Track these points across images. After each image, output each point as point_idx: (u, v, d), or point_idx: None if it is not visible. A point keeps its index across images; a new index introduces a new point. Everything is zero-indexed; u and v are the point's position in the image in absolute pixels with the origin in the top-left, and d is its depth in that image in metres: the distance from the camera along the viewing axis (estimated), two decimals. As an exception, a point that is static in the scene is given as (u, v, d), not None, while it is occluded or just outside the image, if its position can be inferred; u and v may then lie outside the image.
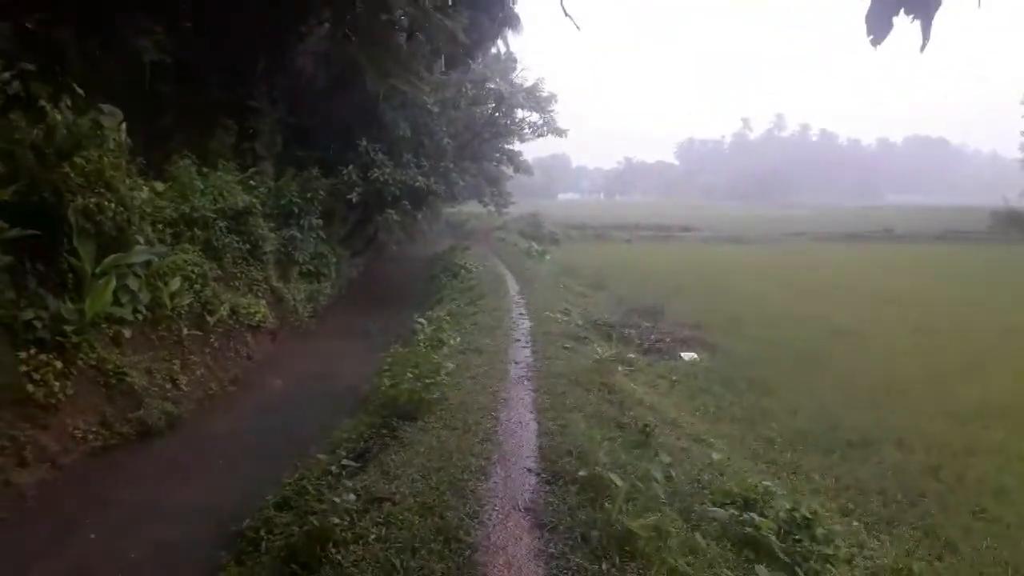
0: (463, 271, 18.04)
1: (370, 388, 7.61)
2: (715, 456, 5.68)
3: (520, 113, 29.34)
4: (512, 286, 15.43)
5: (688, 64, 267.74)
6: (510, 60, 32.62)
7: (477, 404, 6.15)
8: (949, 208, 77.85)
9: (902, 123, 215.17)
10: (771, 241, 36.20)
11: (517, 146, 35.89)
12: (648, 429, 5.56)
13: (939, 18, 2.85)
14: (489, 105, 26.41)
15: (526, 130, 29.97)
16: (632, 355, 9.49)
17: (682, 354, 10.34)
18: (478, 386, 6.72)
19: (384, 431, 5.82)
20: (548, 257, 23.73)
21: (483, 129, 27.11)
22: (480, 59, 23.97)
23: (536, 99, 28.24)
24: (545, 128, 29.53)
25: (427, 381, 6.25)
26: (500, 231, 34.23)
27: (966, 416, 7.53)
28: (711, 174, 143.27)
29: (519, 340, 9.28)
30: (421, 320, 8.90)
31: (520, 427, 5.64)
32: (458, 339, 8.89)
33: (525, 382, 7.06)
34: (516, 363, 7.85)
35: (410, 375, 6.40)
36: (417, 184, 18.48)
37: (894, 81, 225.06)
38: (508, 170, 38.07)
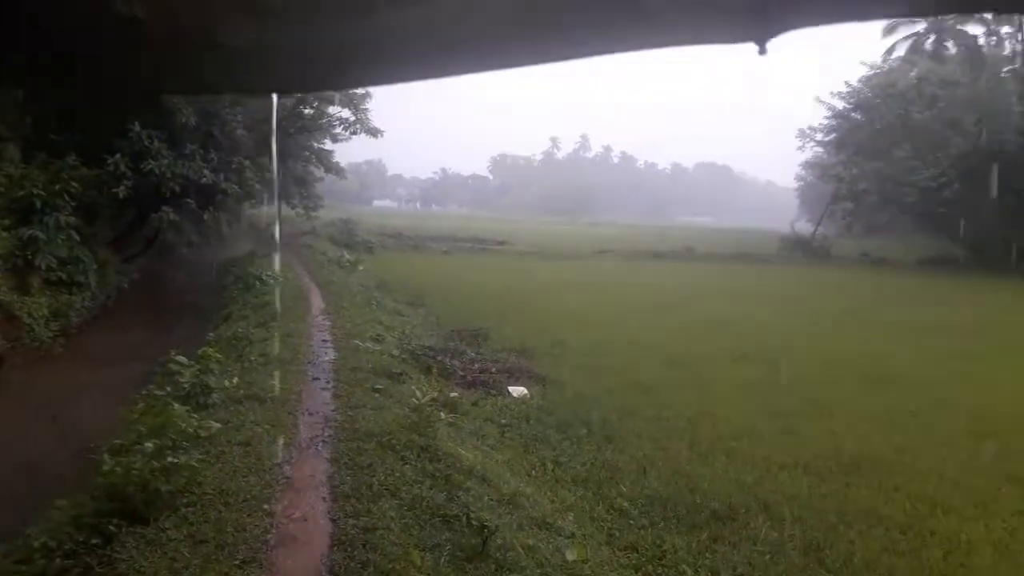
0: (258, 283, 15.70)
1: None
2: (569, 556, 4.25)
3: (332, 109, 27.08)
4: (317, 303, 13.44)
5: (504, 79, 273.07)
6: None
7: (244, 492, 4.35)
8: (735, 230, 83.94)
9: (693, 150, 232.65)
10: (583, 257, 36.49)
11: (329, 146, 33.53)
12: (486, 531, 4.03)
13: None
14: (294, 95, 23.93)
15: (337, 128, 27.69)
16: (455, 393, 7.96)
17: (510, 389, 8.97)
18: (250, 459, 4.90)
19: (95, 541, 3.84)
20: (361, 268, 21.73)
21: (286, 122, 24.52)
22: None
23: (349, 95, 26.14)
24: (358, 126, 27.39)
25: (169, 459, 4.32)
26: (309, 237, 31.58)
27: (824, 469, 6.72)
28: (523, 189, 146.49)
29: (318, 379, 7.48)
30: (179, 359, 6.76)
31: (305, 533, 3.91)
32: (235, 380, 6.91)
33: (320, 447, 5.32)
34: (311, 415, 6.07)
35: (150, 446, 4.44)
36: (204, 180, 15.84)
37: (685, 110, 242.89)
38: (318, 171, 35.55)
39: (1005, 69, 49.84)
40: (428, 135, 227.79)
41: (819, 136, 55.28)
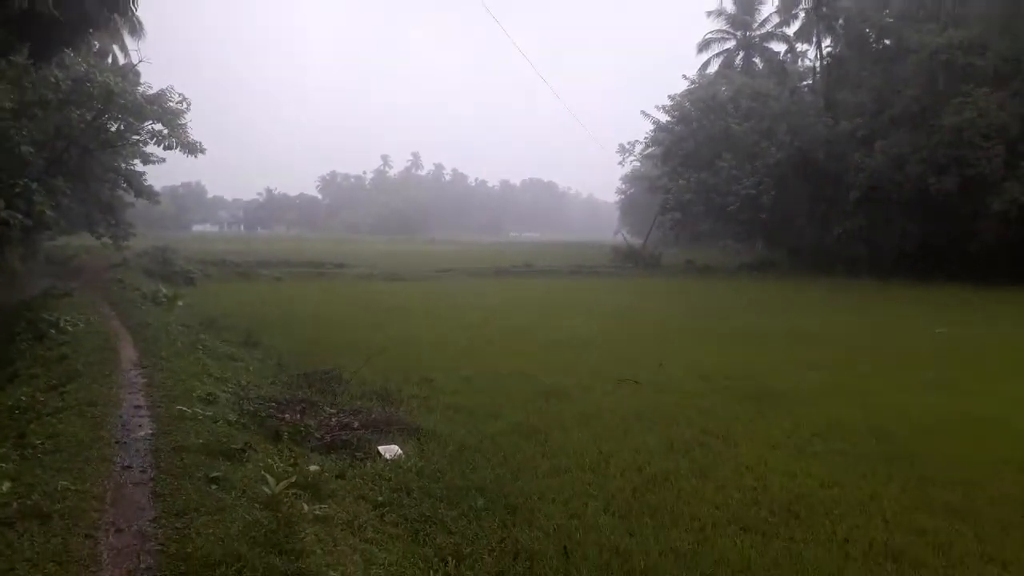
0: (53, 330, 13.12)
1: None
2: None
3: (141, 125, 24.08)
4: (128, 353, 11.21)
5: (331, 98, 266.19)
6: (132, 73, 27.23)
7: None
8: (566, 243, 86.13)
9: (521, 166, 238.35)
10: (427, 278, 35.21)
11: (140, 167, 30.19)
12: None
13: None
14: (94, 106, 20.84)
15: (149, 143, 24.63)
16: (315, 466, 6.38)
17: (381, 449, 7.49)
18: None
19: None
20: (181, 303, 19.17)
21: (84, 137, 21.28)
22: (83, 51, 18.72)
23: (162, 109, 23.28)
24: (173, 140, 24.46)
25: None
26: (119, 270, 28.01)
27: (766, 526, 5.82)
28: (354, 209, 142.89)
29: (130, 469, 5.67)
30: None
31: None
32: (4, 485, 5.00)
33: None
34: (119, 534, 4.35)
35: None
36: (-24, 209, 13.05)
37: (515, 128, 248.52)
38: (128, 195, 31.98)
39: (804, 83, 54.16)
40: (250, 156, 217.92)
41: (645, 149, 57.48)
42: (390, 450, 7.48)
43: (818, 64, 52.69)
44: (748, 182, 42.63)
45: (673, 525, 5.69)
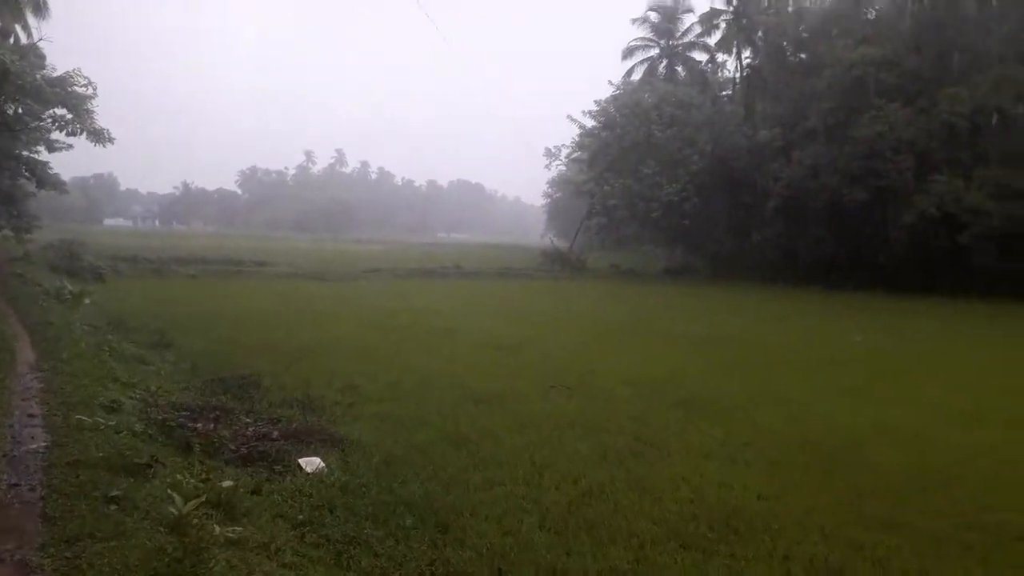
0: (-60, 330, 12.05)
1: None
2: None
3: (44, 110, 22.65)
4: (25, 355, 10.36)
5: (254, 91, 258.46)
6: (35, 55, 25.62)
7: None
8: (493, 246, 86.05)
9: (448, 167, 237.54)
10: (352, 278, 34.42)
11: (45, 155, 28.48)
12: None
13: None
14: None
15: (52, 129, 23.17)
16: (229, 482, 5.90)
17: (301, 461, 7.05)
18: None
19: None
20: (88, 301, 18.03)
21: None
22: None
23: (67, 93, 21.91)
24: (78, 126, 23.05)
25: None
26: (20, 264, 26.25)
27: (705, 542, 5.67)
28: (276, 205, 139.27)
29: (17, 487, 5.10)
30: None
31: None
32: None
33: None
34: (-2, 568, 3.85)
35: None
36: None
37: (442, 126, 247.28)
38: (31, 185, 30.18)
39: (725, 93, 55.56)
40: (166, 148, 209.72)
41: (572, 154, 57.82)
42: (311, 463, 7.05)
43: (738, 75, 54.15)
44: (671, 189, 43.36)
45: (611, 542, 5.48)
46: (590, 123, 51.42)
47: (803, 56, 45.51)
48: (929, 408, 10.59)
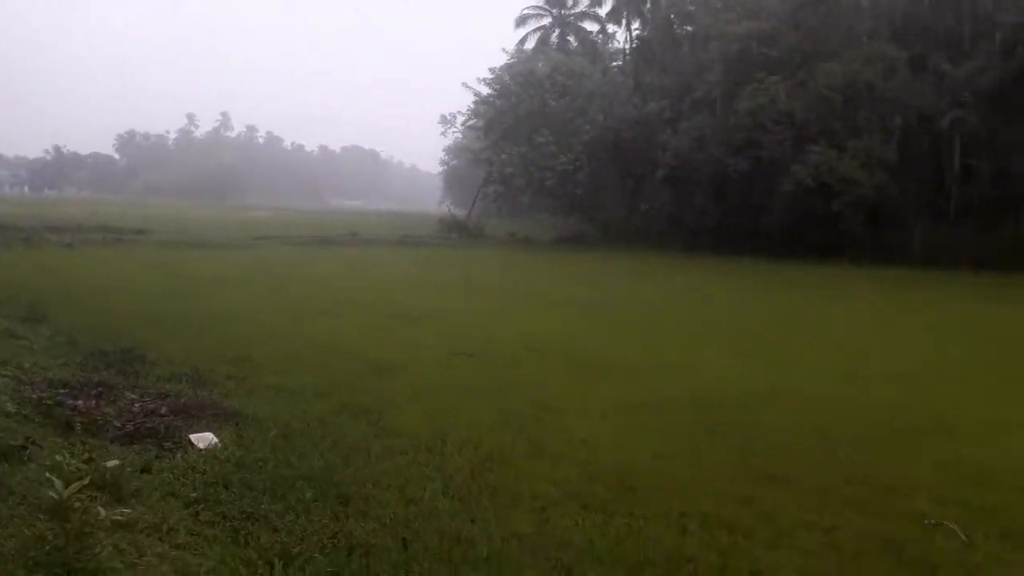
0: None
1: None
2: None
3: None
4: None
5: (132, 51, 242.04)
6: None
7: None
8: (391, 213, 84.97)
9: (341, 132, 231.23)
10: (241, 246, 33.20)
11: None
12: None
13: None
14: None
15: None
16: (115, 461, 5.59)
17: (192, 437, 6.76)
18: None
19: None
20: (-57, 273, 16.60)
21: None
22: None
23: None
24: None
25: None
26: None
27: (604, 502, 5.83)
28: (156, 171, 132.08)
29: None
30: None
31: None
32: None
33: None
34: None
35: None
36: None
37: (334, 90, 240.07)
38: None
39: (615, 64, 56.41)
40: (33, 109, 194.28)
41: (467, 121, 57.47)
42: (204, 438, 6.77)
43: (628, 46, 55.05)
44: (565, 158, 43.87)
45: (514, 506, 5.53)
46: (485, 91, 51.23)
47: (690, 29, 46.73)
48: (809, 366, 11.27)
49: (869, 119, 36.47)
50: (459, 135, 74.67)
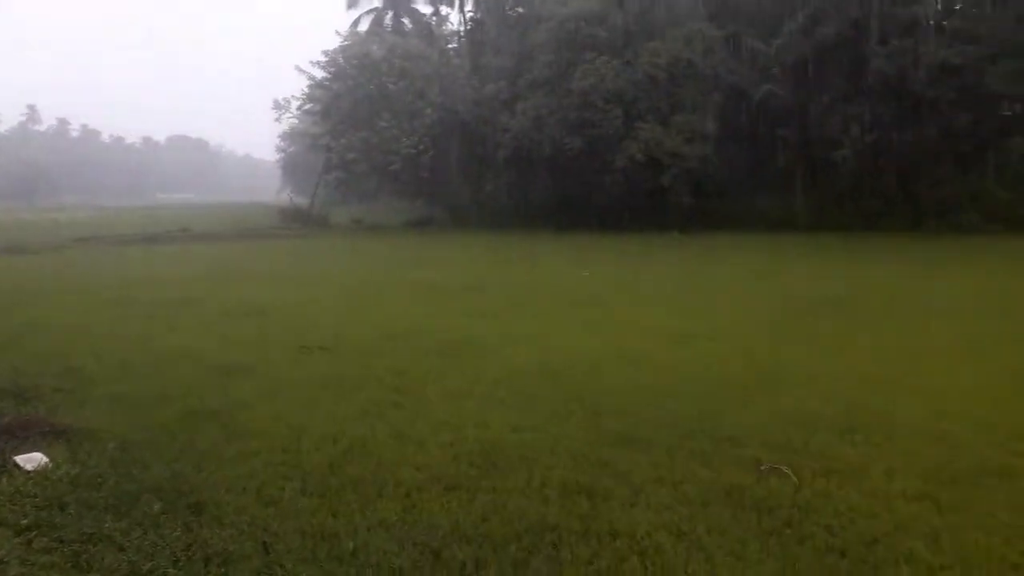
0: None
1: None
2: None
3: None
4: None
5: None
6: None
7: None
8: (225, 206, 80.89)
9: (165, 122, 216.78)
10: (61, 248, 30.50)
11: None
12: None
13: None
14: None
15: None
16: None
17: (19, 460, 6.19)
18: None
19: None
20: None
21: None
22: None
23: None
24: None
25: None
26: None
27: (468, 481, 5.91)
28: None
29: None
30: None
31: None
32: None
33: None
34: None
35: None
36: None
37: (157, 77, 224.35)
38: None
39: (451, 46, 56.44)
40: None
41: (303, 106, 55.58)
42: (31, 459, 6.21)
43: (462, 28, 55.20)
44: (408, 141, 43.47)
45: (378, 496, 5.49)
46: (320, 74, 49.65)
47: (521, 10, 47.46)
48: (651, 331, 11.91)
49: (692, 96, 38.70)
50: (295, 120, 71.95)
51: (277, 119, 72.87)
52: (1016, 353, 10.28)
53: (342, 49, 49.36)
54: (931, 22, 36.91)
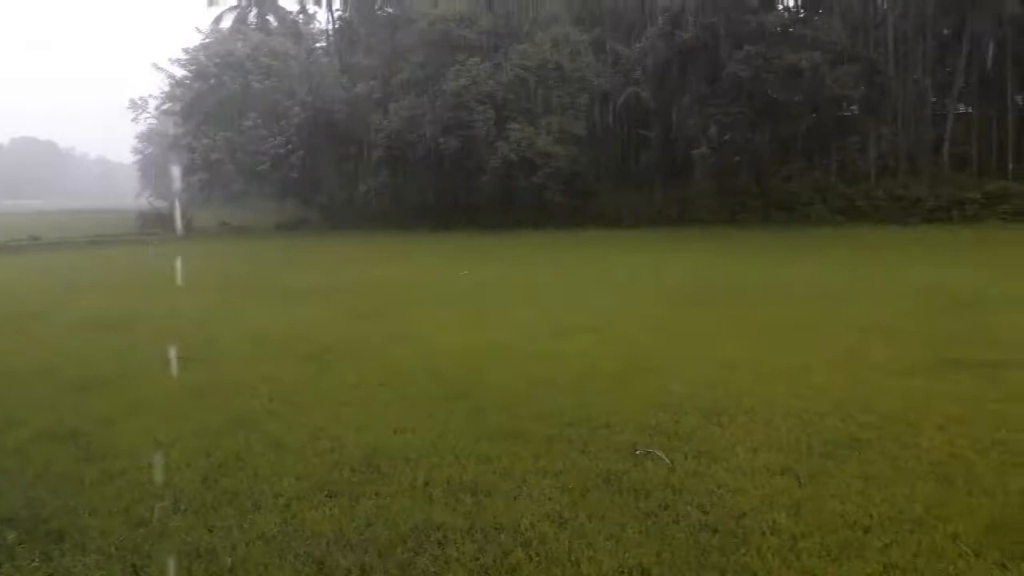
0: None
1: None
2: None
3: None
4: None
5: None
6: None
7: None
8: (80, 211, 75.64)
9: (8, 123, 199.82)
10: None
11: None
12: None
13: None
14: None
15: None
16: None
17: None
18: None
19: None
20: None
21: None
22: None
23: None
24: None
25: None
26: None
27: (350, 486, 5.82)
28: None
29: None
30: None
31: None
32: None
33: None
34: None
35: None
36: None
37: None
38: None
39: (319, 45, 55.22)
40: None
41: (162, 105, 52.86)
42: None
43: (331, 27, 54.12)
44: (276, 141, 42.21)
45: (256, 509, 5.31)
46: (181, 73, 47.27)
47: (391, 10, 47.06)
48: (531, 326, 12.13)
49: (560, 97, 39.65)
50: (154, 121, 68.05)
51: (134, 119, 68.78)
52: (855, 333, 11.19)
53: (204, 47, 47.21)
54: (779, 29, 39.46)
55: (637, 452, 6.11)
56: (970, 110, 41.41)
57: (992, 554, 4.32)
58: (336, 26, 53.17)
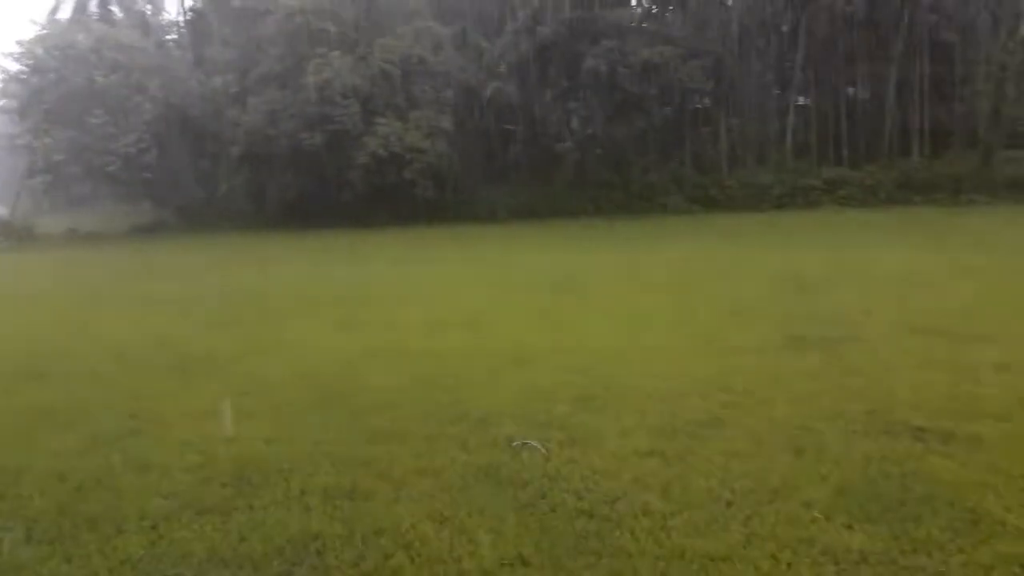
0: None
1: None
2: None
3: None
4: None
5: None
6: None
7: None
8: None
9: None
10: None
11: None
12: None
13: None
14: None
15: None
16: None
17: None
18: None
19: None
20: None
21: None
22: None
23: None
24: None
25: None
26: None
27: (222, 502, 5.65)
28: None
29: None
30: None
31: None
32: None
33: None
34: None
35: None
36: None
37: None
38: None
39: (170, 37, 52.35)
40: None
41: (-6, 102, 48.42)
42: None
43: (182, 19, 51.43)
44: (126, 140, 39.68)
45: (120, 533, 5.04)
46: (15, 67, 43.41)
47: (244, 1, 45.18)
48: (404, 325, 12.11)
49: (425, 92, 39.49)
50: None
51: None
52: (713, 316, 11.90)
53: (40, 39, 43.56)
54: (632, 24, 41.01)
55: (514, 444, 6.26)
56: (808, 102, 44.68)
57: (841, 517, 4.75)
58: (188, 17, 50.53)
